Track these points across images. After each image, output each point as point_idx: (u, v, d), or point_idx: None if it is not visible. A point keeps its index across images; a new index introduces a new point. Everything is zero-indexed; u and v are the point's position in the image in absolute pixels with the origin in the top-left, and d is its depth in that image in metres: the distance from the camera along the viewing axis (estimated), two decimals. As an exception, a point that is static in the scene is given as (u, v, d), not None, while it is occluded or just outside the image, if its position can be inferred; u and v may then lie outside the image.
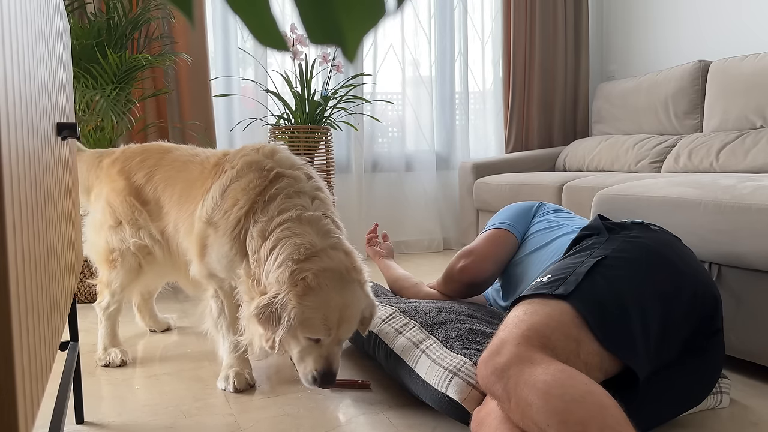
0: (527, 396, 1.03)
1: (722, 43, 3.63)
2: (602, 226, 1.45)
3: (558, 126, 4.40)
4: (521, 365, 1.08)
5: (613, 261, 1.29)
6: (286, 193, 1.62)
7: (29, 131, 0.65)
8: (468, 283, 1.89)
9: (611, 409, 0.99)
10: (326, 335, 1.47)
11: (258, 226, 1.58)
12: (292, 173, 1.68)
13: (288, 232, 1.54)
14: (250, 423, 1.48)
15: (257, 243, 1.57)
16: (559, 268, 1.33)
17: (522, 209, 1.96)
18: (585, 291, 1.22)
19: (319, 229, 1.57)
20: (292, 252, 1.49)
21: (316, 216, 1.60)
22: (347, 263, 1.53)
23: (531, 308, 1.21)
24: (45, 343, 0.71)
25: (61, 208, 1.00)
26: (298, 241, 1.52)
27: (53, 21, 1.02)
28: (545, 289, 1.25)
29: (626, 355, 1.18)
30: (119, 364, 1.90)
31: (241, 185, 1.64)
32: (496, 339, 1.17)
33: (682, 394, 1.37)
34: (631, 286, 1.25)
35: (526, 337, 1.13)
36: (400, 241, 4.11)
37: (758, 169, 2.92)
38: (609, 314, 1.19)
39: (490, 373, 1.12)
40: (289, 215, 1.57)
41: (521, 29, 4.23)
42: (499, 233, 1.90)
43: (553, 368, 1.05)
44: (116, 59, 2.68)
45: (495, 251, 1.88)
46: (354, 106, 3.65)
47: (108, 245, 1.93)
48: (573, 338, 1.16)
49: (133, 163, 1.93)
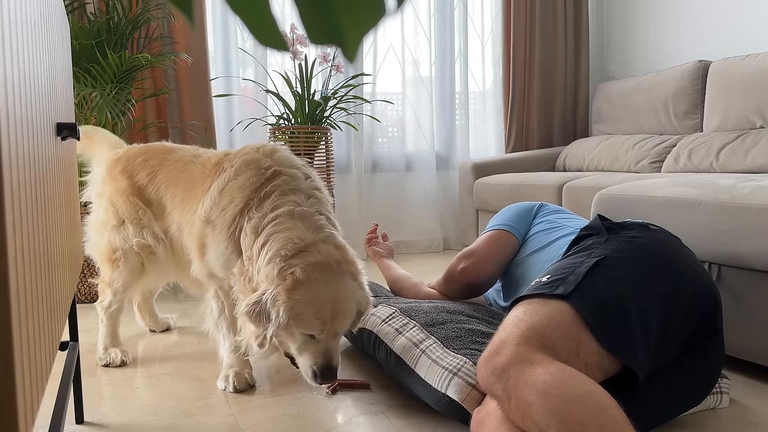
0: (527, 396, 1.03)
1: (722, 43, 3.63)
2: (602, 226, 1.45)
3: (558, 126, 4.40)
4: (521, 365, 1.08)
5: (612, 261, 1.29)
6: (281, 191, 1.61)
7: (29, 131, 0.65)
8: (468, 284, 1.88)
9: (611, 409, 0.99)
10: (320, 329, 1.46)
11: (251, 222, 1.57)
12: (289, 171, 1.67)
13: (278, 227, 1.53)
14: (250, 423, 1.48)
15: (250, 240, 1.56)
16: (558, 268, 1.33)
17: (523, 210, 1.96)
18: (584, 291, 1.22)
19: (310, 224, 1.55)
20: (281, 247, 1.48)
21: (309, 212, 1.58)
22: (338, 256, 1.51)
23: (531, 308, 1.21)
24: (45, 343, 0.71)
25: (61, 208, 1.00)
26: (288, 236, 1.50)
27: (53, 21, 1.01)
28: (545, 289, 1.25)
29: (626, 355, 1.18)
30: (119, 364, 1.90)
31: (238, 183, 1.64)
32: (495, 339, 1.17)
33: (681, 394, 1.37)
34: (631, 286, 1.25)
35: (525, 337, 1.13)
36: (400, 241, 4.11)
37: (758, 169, 2.92)
38: (609, 314, 1.19)
39: (490, 373, 1.12)
40: (282, 211, 1.56)
41: (521, 29, 4.23)
42: (499, 234, 1.90)
43: (552, 368, 1.05)
44: (116, 59, 2.68)
45: (496, 252, 1.87)
46: (354, 106, 3.65)
47: (111, 244, 1.93)
48: (573, 338, 1.16)
49: (136, 162, 1.93)
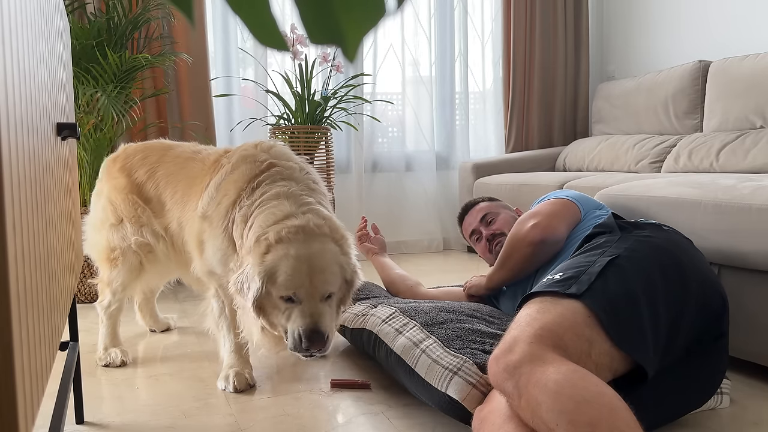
0: (538, 395, 1.03)
1: (722, 43, 3.63)
2: (615, 224, 1.45)
3: (558, 126, 4.40)
4: (533, 364, 1.08)
5: (625, 261, 1.29)
6: (272, 179, 1.59)
7: (29, 131, 0.65)
8: (540, 241, 1.65)
9: (621, 411, 0.99)
10: (297, 288, 1.41)
11: (242, 211, 1.56)
12: (285, 164, 1.66)
13: (263, 207, 1.52)
14: (250, 423, 1.48)
15: (240, 228, 1.55)
16: (571, 265, 1.33)
17: (589, 197, 1.83)
18: (598, 291, 1.22)
19: (296, 201, 1.53)
20: (262, 222, 1.47)
21: (296, 192, 1.55)
22: (318, 221, 1.47)
23: (543, 306, 1.21)
24: (45, 343, 0.71)
25: (61, 208, 1.00)
26: (272, 211, 1.49)
27: (53, 21, 1.01)
28: (558, 287, 1.24)
29: (640, 356, 1.18)
30: (119, 365, 1.89)
31: (233, 177, 1.64)
32: (508, 336, 1.17)
33: (682, 396, 1.37)
34: (643, 286, 1.25)
35: (538, 336, 1.13)
36: (400, 241, 4.11)
37: (758, 169, 2.92)
38: (622, 314, 1.20)
39: (501, 370, 1.11)
40: (269, 194, 1.54)
41: (521, 29, 4.23)
42: (564, 201, 1.74)
43: (564, 368, 1.05)
44: (116, 59, 2.68)
45: (563, 212, 1.70)
46: (354, 106, 3.65)
47: (109, 243, 1.92)
48: (585, 338, 1.16)
49: (135, 160, 1.92)
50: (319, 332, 1.40)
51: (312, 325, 1.40)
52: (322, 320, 1.42)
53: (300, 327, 1.41)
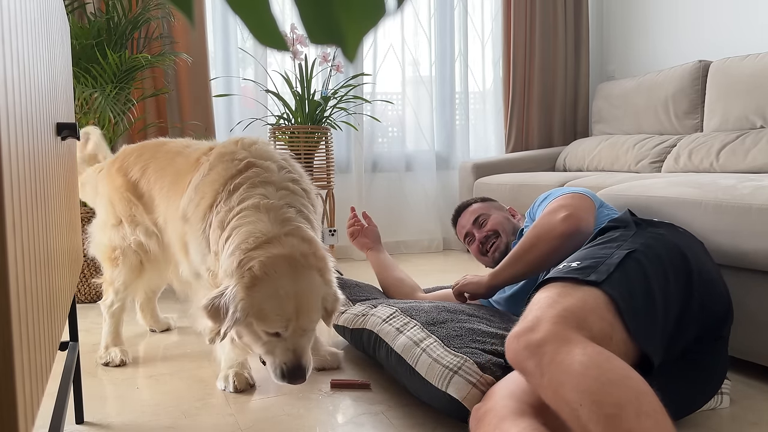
0: (562, 374, 1.02)
1: (722, 43, 3.63)
2: (631, 220, 1.46)
3: (558, 126, 4.40)
4: (558, 343, 1.07)
5: (641, 255, 1.29)
6: (250, 183, 1.57)
7: (29, 131, 0.65)
8: (572, 233, 1.59)
9: (648, 395, 0.98)
10: (284, 327, 1.42)
11: (218, 217, 1.54)
12: (263, 164, 1.63)
13: (242, 221, 1.49)
14: (250, 423, 1.48)
15: (216, 235, 1.52)
16: (587, 255, 1.33)
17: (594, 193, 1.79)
18: (616, 281, 1.22)
19: (276, 216, 1.50)
20: (242, 241, 1.44)
21: (276, 204, 1.53)
22: (303, 249, 1.45)
23: (564, 291, 1.20)
24: (45, 343, 0.71)
25: (61, 208, 1.00)
26: (250, 229, 1.46)
27: (53, 21, 1.01)
28: (577, 274, 1.24)
29: (652, 350, 1.19)
30: (118, 364, 1.89)
31: (210, 178, 1.62)
32: (529, 316, 1.16)
33: (682, 396, 1.37)
34: (658, 282, 1.26)
35: (562, 316, 1.12)
36: (400, 241, 4.11)
37: (758, 169, 2.92)
38: (639, 306, 1.20)
39: (522, 347, 1.10)
40: (248, 204, 1.52)
41: (521, 29, 4.23)
42: (583, 195, 1.71)
43: (590, 349, 1.05)
44: (116, 59, 2.68)
45: (589, 206, 1.67)
46: (354, 106, 3.66)
47: (110, 243, 1.95)
48: (608, 322, 1.16)
49: (131, 159, 1.94)
50: (301, 368, 1.45)
51: (296, 362, 1.44)
52: (304, 354, 1.46)
53: (284, 363, 1.44)
